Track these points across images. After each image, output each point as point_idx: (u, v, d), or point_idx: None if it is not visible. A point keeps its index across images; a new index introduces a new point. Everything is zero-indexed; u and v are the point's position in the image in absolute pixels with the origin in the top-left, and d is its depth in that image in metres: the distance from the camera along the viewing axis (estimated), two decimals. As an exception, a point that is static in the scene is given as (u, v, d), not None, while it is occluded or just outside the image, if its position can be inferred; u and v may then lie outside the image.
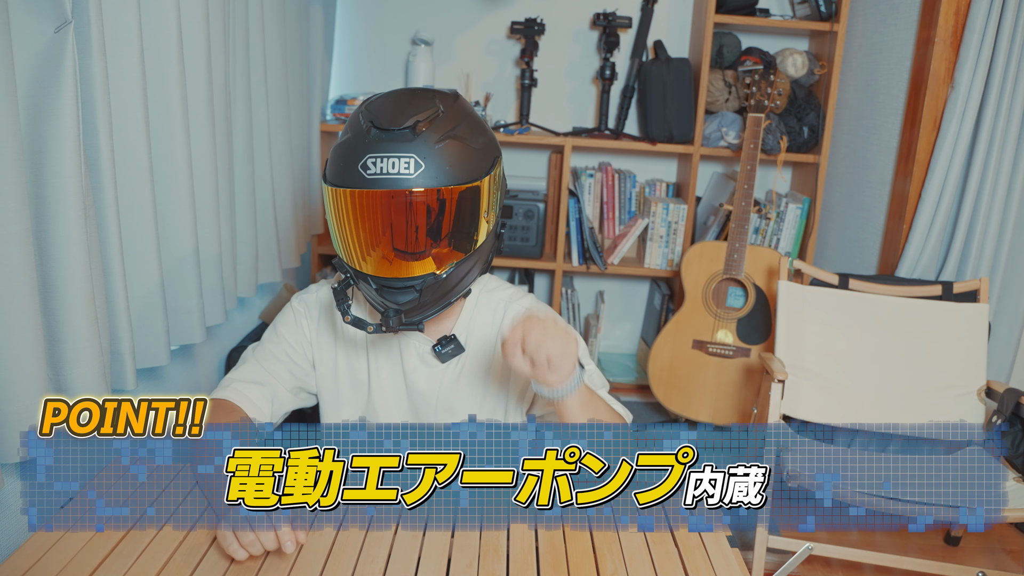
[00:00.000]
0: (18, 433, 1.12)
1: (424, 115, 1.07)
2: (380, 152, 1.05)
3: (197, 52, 1.60)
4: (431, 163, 1.05)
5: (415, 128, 1.05)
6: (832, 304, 2.20)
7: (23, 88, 1.13)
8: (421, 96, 1.12)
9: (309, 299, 1.31)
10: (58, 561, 0.97)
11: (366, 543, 1.03)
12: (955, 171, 2.29)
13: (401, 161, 1.04)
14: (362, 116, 1.09)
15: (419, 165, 1.05)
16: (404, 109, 1.08)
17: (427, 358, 1.27)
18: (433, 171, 1.05)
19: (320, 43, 2.72)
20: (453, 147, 1.08)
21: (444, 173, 1.06)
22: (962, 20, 2.24)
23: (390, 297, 1.11)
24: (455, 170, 1.07)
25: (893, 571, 2.05)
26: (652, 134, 2.81)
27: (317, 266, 2.92)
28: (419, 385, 1.28)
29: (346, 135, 1.11)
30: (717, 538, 1.08)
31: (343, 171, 1.08)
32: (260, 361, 1.28)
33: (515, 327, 1.06)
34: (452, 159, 1.07)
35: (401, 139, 1.05)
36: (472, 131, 1.12)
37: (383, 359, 1.29)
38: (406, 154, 1.04)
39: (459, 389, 1.28)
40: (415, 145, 1.05)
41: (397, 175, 1.04)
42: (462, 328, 1.27)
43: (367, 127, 1.07)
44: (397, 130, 1.05)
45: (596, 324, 3.04)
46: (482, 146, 1.13)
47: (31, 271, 1.10)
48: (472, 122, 1.13)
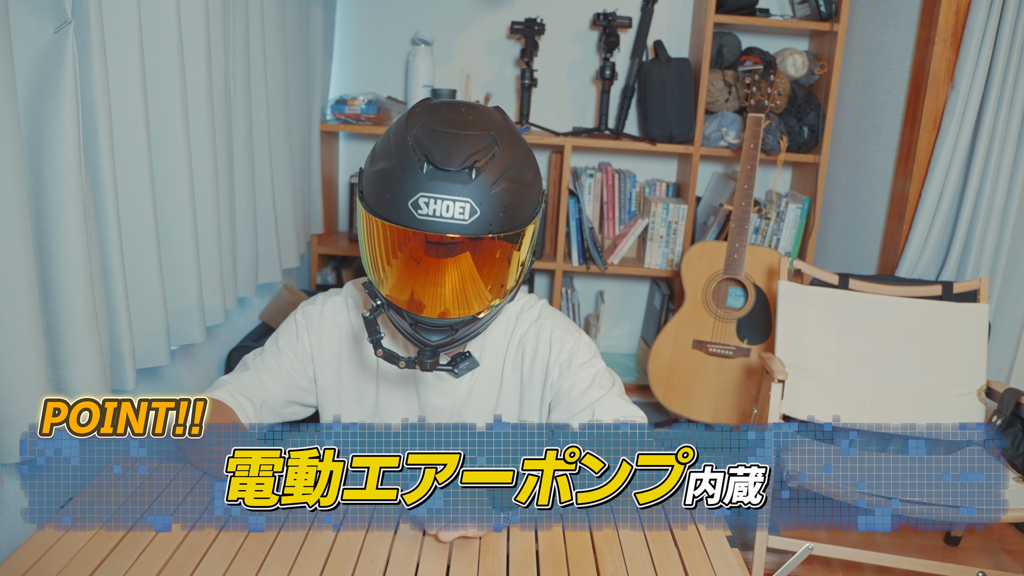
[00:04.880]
0: (18, 433, 1.12)
1: (482, 154, 1.00)
2: (435, 193, 0.98)
3: (197, 52, 1.60)
4: (486, 208, 0.99)
5: (473, 170, 0.99)
6: (832, 304, 2.20)
7: (23, 88, 1.13)
8: (475, 125, 1.04)
9: (313, 311, 1.29)
10: (58, 561, 0.97)
11: (366, 543, 1.03)
12: (955, 171, 2.29)
13: (456, 205, 0.98)
14: (415, 144, 1.01)
15: (474, 211, 0.98)
16: (462, 145, 1.00)
17: (441, 373, 1.23)
18: (487, 217, 0.99)
19: (320, 43, 2.72)
20: (508, 189, 1.02)
21: (497, 220, 1.00)
22: (962, 20, 2.24)
23: (424, 334, 1.07)
24: (508, 215, 1.02)
25: (893, 571, 2.05)
26: (652, 134, 2.81)
27: (317, 266, 2.92)
28: (432, 400, 1.27)
29: (392, 161, 1.02)
30: (717, 538, 1.08)
31: (390, 204, 1.00)
32: (258, 372, 1.27)
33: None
34: (507, 203, 1.01)
35: (458, 180, 0.98)
36: (524, 167, 1.06)
37: (395, 374, 1.27)
38: (462, 198, 0.98)
39: (472, 403, 1.27)
40: (471, 189, 0.98)
41: (451, 220, 0.98)
42: (476, 343, 1.26)
43: (420, 161, 0.99)
44: (455, 171, 0.98)
45: (596, 324, 3.04)
46: (531, 183, 1.07)
47: (31, 271, 1.10)
48: (523, 155, 1.07)
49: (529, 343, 1.27)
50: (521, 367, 1.28)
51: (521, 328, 1.27)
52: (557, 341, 1.26)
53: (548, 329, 1.27)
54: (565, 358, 1.25)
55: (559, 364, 1.25)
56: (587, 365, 1.25)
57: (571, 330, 1.28)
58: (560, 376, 1.25)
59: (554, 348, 1.26)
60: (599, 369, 1.26)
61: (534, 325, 1.27)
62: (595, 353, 1.28)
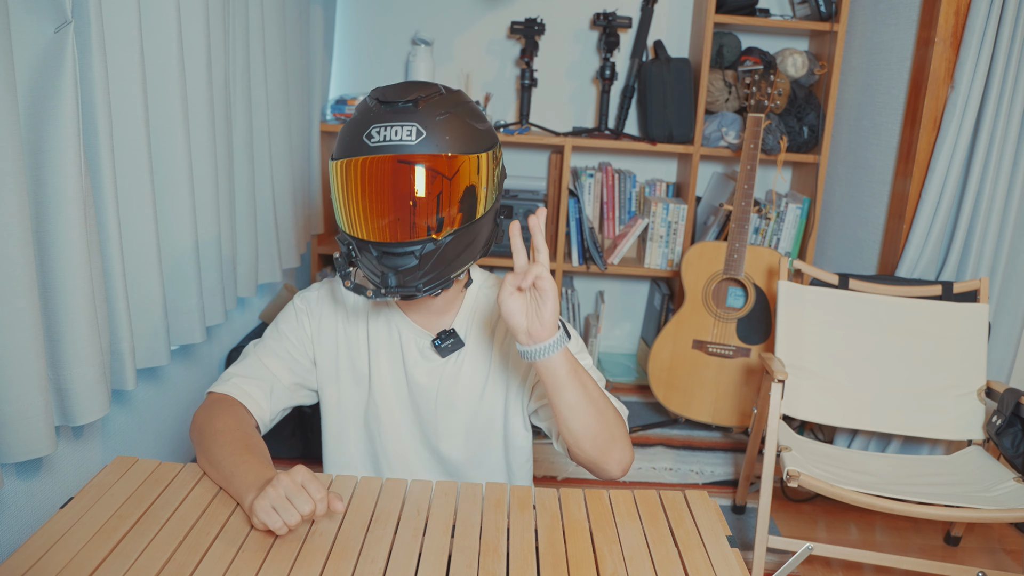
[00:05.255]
0: (18, 433, 1.12)
1: (427, 92, 1.14)
2: (384, 122, 1.11)
3: (197, 52, 1.60)
4: (432, 132, 1.11)
5: (417, 102, 1.12)
6: (832, 304, 2.20)
7: (23, 88, 1.13)
8: (424, 82, 1.18)
9: (311, 296, 1.32)
10: (58, 561, 0.97)
11: (366, 543, 1.03)
12: (955, 171, 2.29)
13: (404, 129, 1.10)
14: (368, 98, 1.16)
15: (421, 133, 1.10)
16: (408, 88, 1.15)
17: (427, 352, 1.28)
18: (434, 139, 1.11)
19: (320, 43, 2.72)
20: (454, 121, 1.13)
21: (444, 143, 1.12)
22: (962, 20, 2.24)
23: (390, 263, 1.14)
24: (455, 141, 1.13)
25: (893, 571, 2.05)
26: (652, 134, 2.81)
27: (317, 266, 2.92)
28: (419, 379, 1.29)
29: (353, 117, 1.17)
30: (717, 538, 1.08)
31: (348, 143, 1.13)
32: (260, 357, 1.29)
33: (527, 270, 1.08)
34: (452, 132, 1.13)
35: (404, 111, 1.11)
36: (472, 115, 1.18)
37: (384, 354, 1.30)
38: (408, 123, 1.11)
39: (459, 383, 1.29)
40: (417, 115, 1.11)
41: (400, 142, 1.10)
42: (462, 323, 1.28)
43: (373, 104, 1.13)
44: (401, 103, 1.11)
45: (596, 324, 3.04)
46: (481, 130, 1.18)
47: (31, 271, 1.10)
48: (472, 109, 1.19)
49: None
50: (509, 350, 1.30)
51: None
52: None
53: None
54: None
55: None
56: (575, 354, 1.26)
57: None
58: None
59: None
60: (587, 364, 1.28)
61: None
62: (582, 346, 1.31)
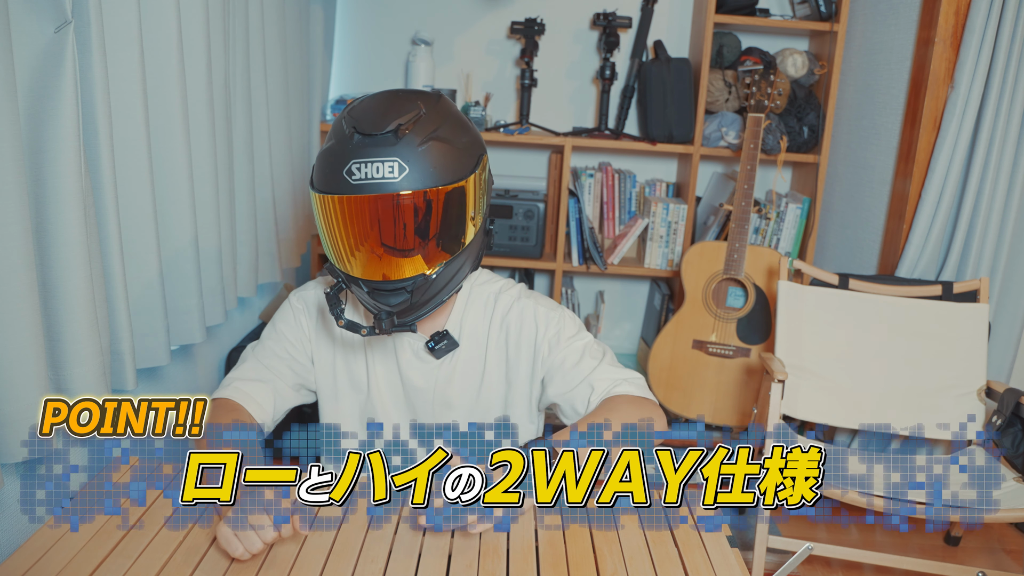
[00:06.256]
0: (18, 433, 1.12)
1: (406, 118, 1.07)
2: (364, 157, 1.05)
3: (197, 52, 1.60)
4: (415, 166, 1.06)
5: (397, 132, 1.06)
6: (832, 304, 2.20)
7: (23, 88, 1.13)
8: (403, 98, 1.12)
9: (307, 296, 1.32)
10: (58, 561, 0.97)
11: (366, 543, 1.03)
12: (955, 171, 2.29)
13: (385, 165, 1.05)
14: (345, 122, 1.09)
15: (403, 168, 1.05)
16: (386, 113, 1.08)
17: (422, 354, 1.28)
18: (418, 173, 1.06)
19: (320, 43, 2.72)
20: (437, 148, 1.09)
21: (429, 175, 1.07)
22: (962, 20, 2.24)
23: (382, 299, 1.12)
24: (439, 171, 1.08)
25: (893, 571, 2.05)
26: (652, 134, 2.81)
27: (317, 266, 2.92)
28: (415, 381, 1.29)
29: (330, 141, 1.11)
30: (717, 538, 1.08)
31: (329, 177, 1.09)
32: (260, 359, 1.29)
33: None
34: (436, 160, 1.08)
35: (384, 143, 1.05)
36: (455, 131, 1.13)
37: (379, 357, 1.30)
38: (390, 158, 1.05)
39: (454, 384, 1.29)
40: (398, 149, 1.06)
41: (382, 180, 1.05)
42: (455, 323, 1.28)
43: (350, 132, 1.07)
44: (380, 135, 1.05)
45: (596, 324, 3.04)
46: (465, 145, 1.13)
47: (31, 271, 1.10)
48: (455, 122, 1.14)
49: (513, 322, 1.29)
50: (507, 346, 1.30)
51: (502, 308, 1.29)
52: (542, 318, 1.29)
53: (531, 308, 1.29)
54: (553, 334, 1.28)
55: (547, 340, 1.28)
56: (575, 338, 1.28)
57: (553, 307, 1.31)
58: (550, 352, 1.28)
59: (540, 326, 1.28)
60: (588, 341, 1.29)
61: (516, 304, 1.30)
62: (580, 326, 1.31)
